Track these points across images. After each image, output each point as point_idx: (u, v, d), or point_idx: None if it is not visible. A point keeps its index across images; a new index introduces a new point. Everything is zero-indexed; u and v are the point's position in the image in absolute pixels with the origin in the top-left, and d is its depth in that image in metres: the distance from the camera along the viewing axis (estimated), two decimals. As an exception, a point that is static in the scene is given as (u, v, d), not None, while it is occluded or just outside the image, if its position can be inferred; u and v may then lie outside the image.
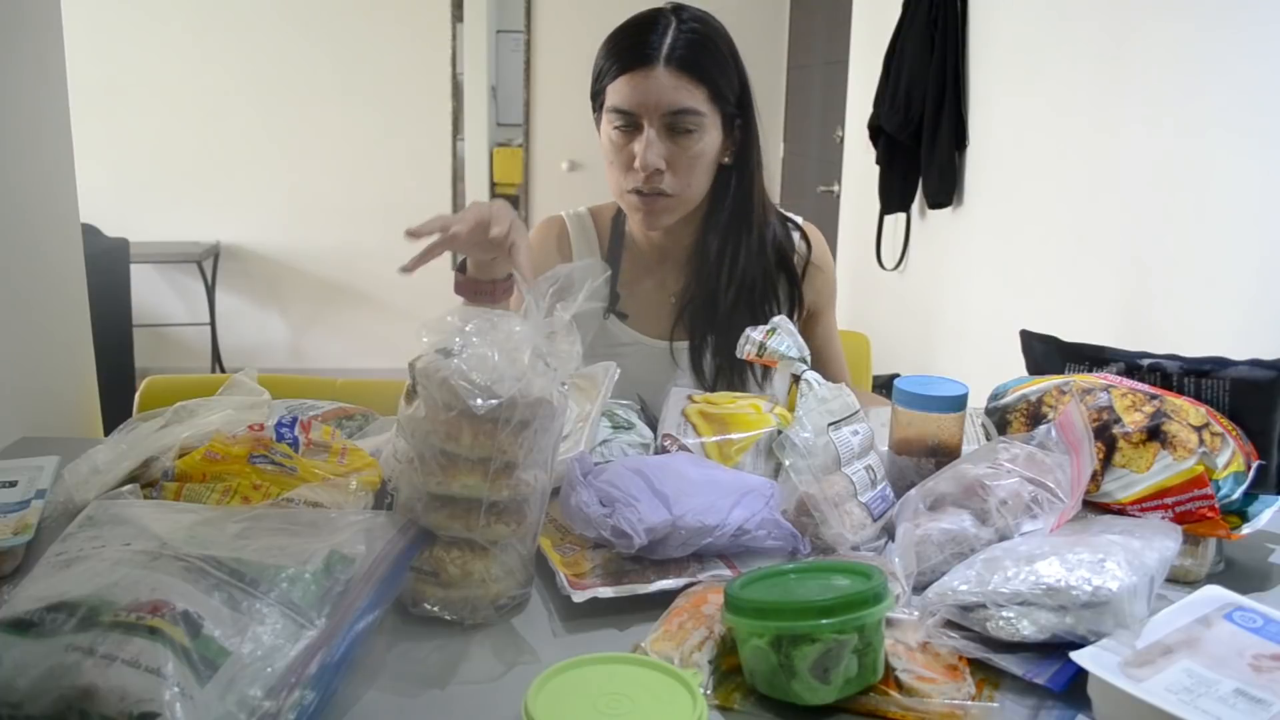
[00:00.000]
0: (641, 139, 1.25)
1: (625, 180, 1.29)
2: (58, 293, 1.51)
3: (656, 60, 1.24)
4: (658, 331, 1.41)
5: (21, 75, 1.41)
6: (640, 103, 1.24)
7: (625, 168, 1.29)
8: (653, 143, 1.25)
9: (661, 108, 1.24)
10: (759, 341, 1.08)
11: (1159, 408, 0.97)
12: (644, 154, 1.25)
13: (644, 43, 1.24)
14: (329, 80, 4.60)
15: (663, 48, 1.24)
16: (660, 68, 1.24)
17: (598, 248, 1.43)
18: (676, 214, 1.32)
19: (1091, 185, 2.01)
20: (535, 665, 0.79)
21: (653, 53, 1.24)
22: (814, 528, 0.96)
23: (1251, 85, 1.53)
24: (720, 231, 1.36)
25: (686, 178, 1.28)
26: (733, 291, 1.35)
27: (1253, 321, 1.51)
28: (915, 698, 0.73)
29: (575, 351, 0.85)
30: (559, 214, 1.46)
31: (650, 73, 1.24)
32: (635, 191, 1.29)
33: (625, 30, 1.28)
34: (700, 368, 1.39)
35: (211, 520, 0.79)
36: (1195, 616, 0.78)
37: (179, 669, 0.61)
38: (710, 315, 1.37)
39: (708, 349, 1.38)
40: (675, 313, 1.40)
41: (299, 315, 4.87)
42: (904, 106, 2.72)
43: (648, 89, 1.24)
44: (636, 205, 1.30)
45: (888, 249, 3.09)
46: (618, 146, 1.29)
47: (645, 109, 1.24)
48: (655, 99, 1.24)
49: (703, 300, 1.38)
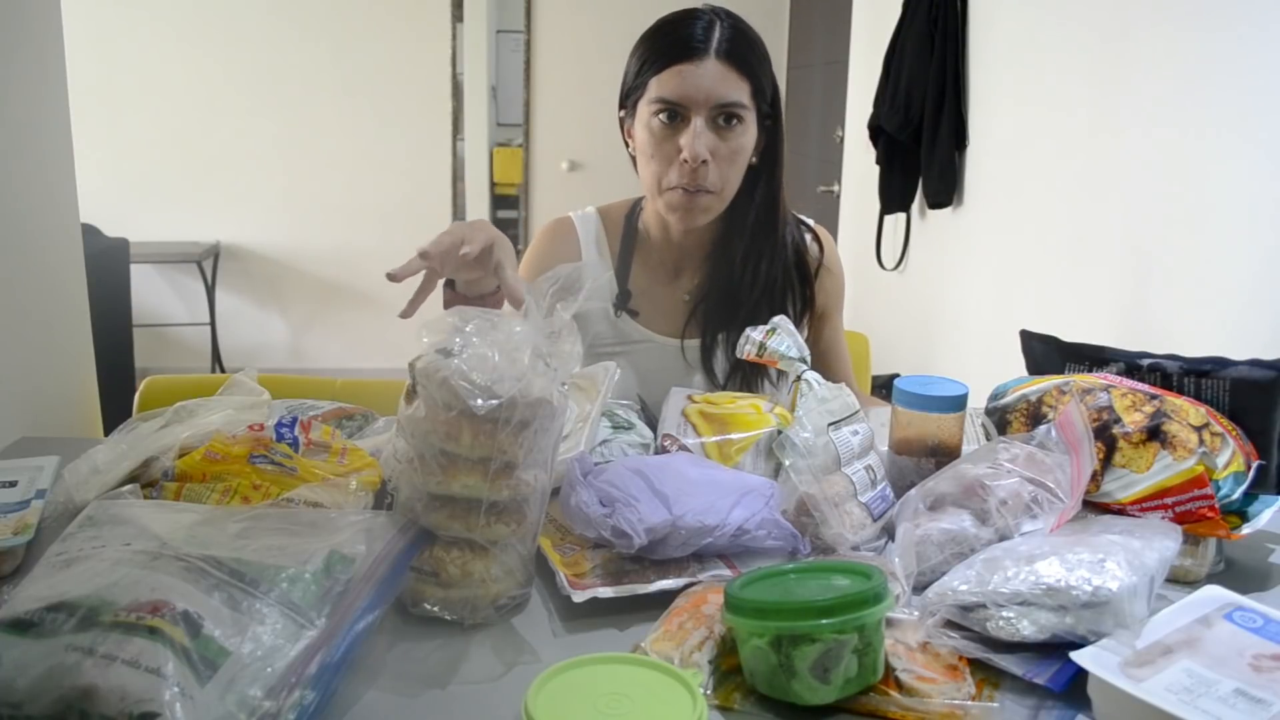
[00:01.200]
0: (689, 131, 1.25)
1: (667, 176, 1.29)
2: (58, 293, 1.51)
3: (707, 52, 1.25)
4: (669, 330, 1.42)
5: (21, 75, 1.41)
6: (689, 94, 1.25)
7: (668, 161, 1.28)
8: (701, 133, 1.25)
9: (712, 99, 1.25)
10: (759, 341, 1.08)
11: (1159, 408, 0.97)
12: (692, 144, 1.25)
13: (692, 35, 1.25)
14: (329, 80, 4.60)
15: (712, 41, 1.25)
16: (711, 60, 1.25)
17: (607, 248, 1.43)
18: (712, 213, 1.33)
19: (1091, 185, 2.01)
20: (535, 665, 0.79)
21: (703, 45, 1.25)
22: (814, 528, 0.96)
23: (1251, 85, 1.53)
24: (746, 232, 1.36)
25: (728, 172, 1.29)
26: (756, 293, 1.36)
27: (1253, 321, 1.51)
28: (915, 698, 0.73)
29: (575, 352, 0.85)
30: (567, 215, 1.46)
31: (701, 64, 1.24)
32: (678, 189, 1.28)
33: (670, 24, 1.29)
34: (711, 367, 1.39)
35: (211, 520, 0.79)
36: (1195, 616, 0.78)
37: (179, 669, 0.61)
38: (728, 315, 1.38)
39: (719, 348, 1.39)
40: (689, 311, 1.41)
41: (299, 315, 4.87)
42: (904, 106, 2.72)
43: (699, 80, 1.24)
44: (677, 203, 1.30)
45: (888, 249, 3.09)
46: (660, 140, 1.28)
47: (694, 100, 1.25)
48: (707, 90, 1.24)
49: (718, 299, 1.38)
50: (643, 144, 1.30)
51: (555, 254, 1.42)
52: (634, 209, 1.45)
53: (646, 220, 1.43)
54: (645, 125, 1.29)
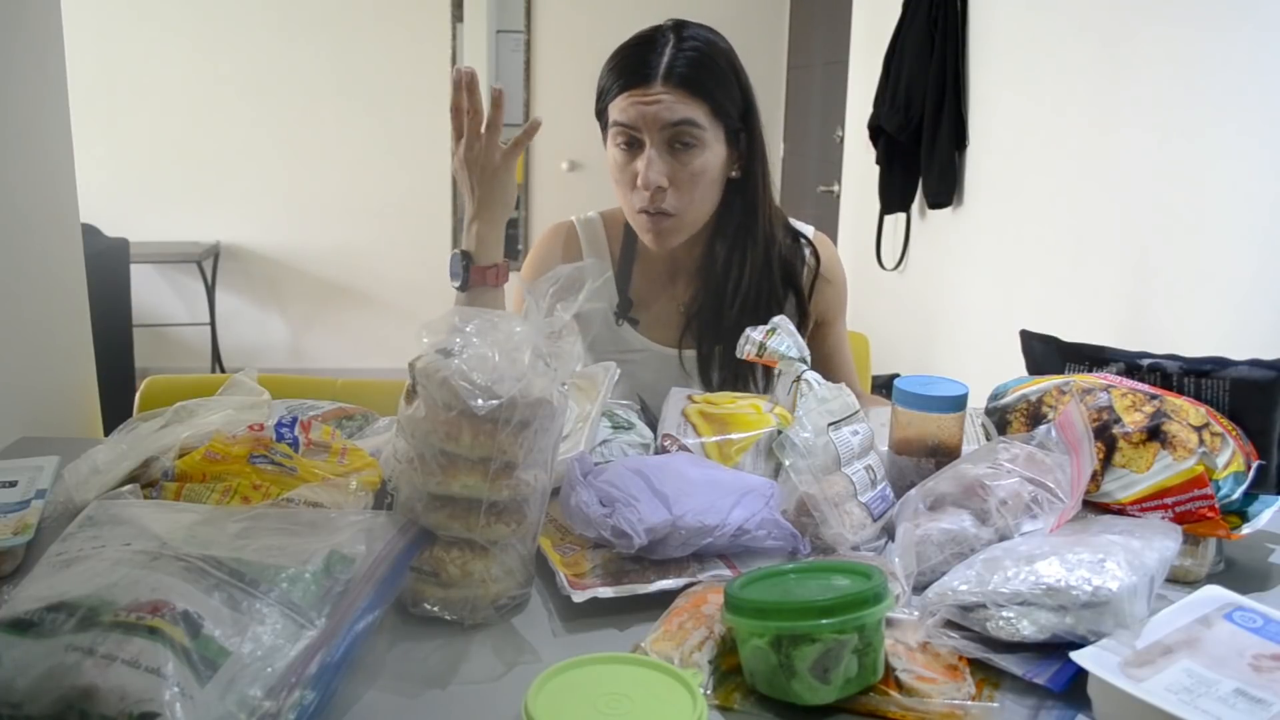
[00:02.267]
0: (643, 157, 1.26)
1: (632, 199, 1.31)
2: (58, 293, 1.51)
3: (655, 78, 1.25)
4: (668, 339, 1.42)
5: (21, 75, 1.41)
6: (640, 119, 1.26)
7: (630, 186, 1.30)
8: (654, 161, 1.26)
9: (660, 122, 1.25)
10: (759, 341, 1.08)
11: (1159, 408, 0.97)
12: (645, 172, 1.26)
13: (644, 61, 1.26)
14: (329, 80, 4.60)
15: (660, 65, 1.25)
16: (659, 85, 1.25)
17: (608, 253, 1.44)
18: (683, 233, 1.33)
19: (1091, 185, 2.01)
20: (535, 665, 0.79)
21: (651, 70, 1.25)
22: (814, 528, 0.96)
23: (1251, 85, 1.53)
24: (727, 243, 1.37)
25: (689, 194, 1.29)
26: (738, 303, 1.36)
27: (1253, 321, 1.51)
28: (915, 698, 0.73)
29: (576, 352, 0.85)
30: (568, 219, 1.46)
31: (649, 90, 1.25)
32: (644, 212, 1.30)
33: (626, 49, 1.30)
34: (708, 376, 1.39)
35: (211, 520, 0.79)
36: (1195, 616, 0.78)
37: (179, 669, 0.61)
38: (716, 326, 1.38)
39: (714, 359, 1.39)
40: (684, 322, 1.41)
41: (299, 315, 4.87)
42: (904, 106, 2.72)
43: (646, 105, 1.25)
44: (645, 226, 1.32)
45: (888, 249, 3.09)
46: (621, 165, 1.30)
47: (645, 125, 1.26)
48: (654, 115, 1.25)
49: (709, 311, 1.38)
50: (611, 168, 1.33)
51: (556, 258, 1.42)
52: None
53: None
54: (610, 150, 1.31)
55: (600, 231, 1.45)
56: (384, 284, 4.80)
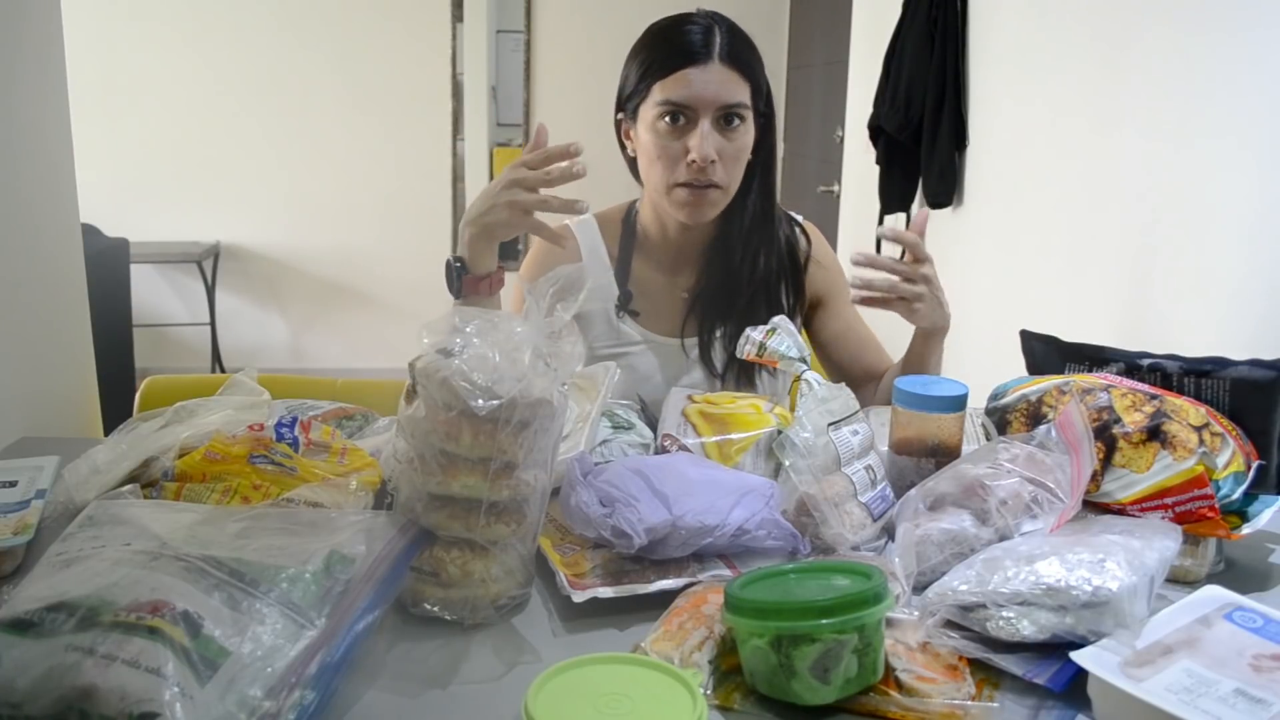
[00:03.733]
0: (695, 132, 1.28)
1: (673, 174, 1.31)
2: (58, 293, 1.51)
3: (711, 56, 1.28)
4: (668, 329, 1.43)
5: (21, 75, 1.41)
6: (696, 96, 1.27)
7: (675, 161, 1.30)
8: (708, 135, 1.28)
9: (718, 101, 1.28)
10: (759, 341, 1.08)
11: (1159, 408, 0.97)
12: (701, 146, 1.28)
13: (695, 40, 1.29)
14: (329, 80, 4.60)
15: (714, 45, 1.29)
16: (715, 63, 1.28)
17: (605, 252, 1.45)
18: (719, 207, 1.36)
19: (1091, 185, 2.00)
20: (535, 665, 0.79)
21: (706, 50, 1.28)
22: (814, 528, 0.96)
23: (1250, 87, 1.53)
24: (745, 227, 1.39)
25: (733, 170, 1.33)
26: (753, 285, 1.40)
27: (1252, 321, 1.51)
28: (915, 698, 0.73)
29: (576, 352, 0.85)
30: (564, 222, 1.47)
31: (706, 68, 1.28)
32: (685, 185, 1.31)
33: (672, 29, 1.31)
34: (710, 360, 1.41)
35: (211, 520, 0.79)
36: (1195, 616, 0.78)
37: (179, 669, 0.61)
38: (724, 308, 1.40)
39: (718, 342, 1.41)
40: (687, 308, 1.43)
41: (299, 315, 4.87)
42: (904, 106, 2.72)
43: (705, 83, 1.27)
44: (685, 199, 1.32)
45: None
46: (666, 142, 1.30)
47: (701, 102, 1.28)
48: (713, 93, 1.28)
49: (714, 294, 1.41)
50: (647, 145, 1.32)
51: (554, 260, 1.43)
52: (630, 211, 1.47)
53: (644, 221, 1.45)
54: (650, 128, 1.31)
55: (596, 231, 1.46)
56: (384, 284, 4.80)
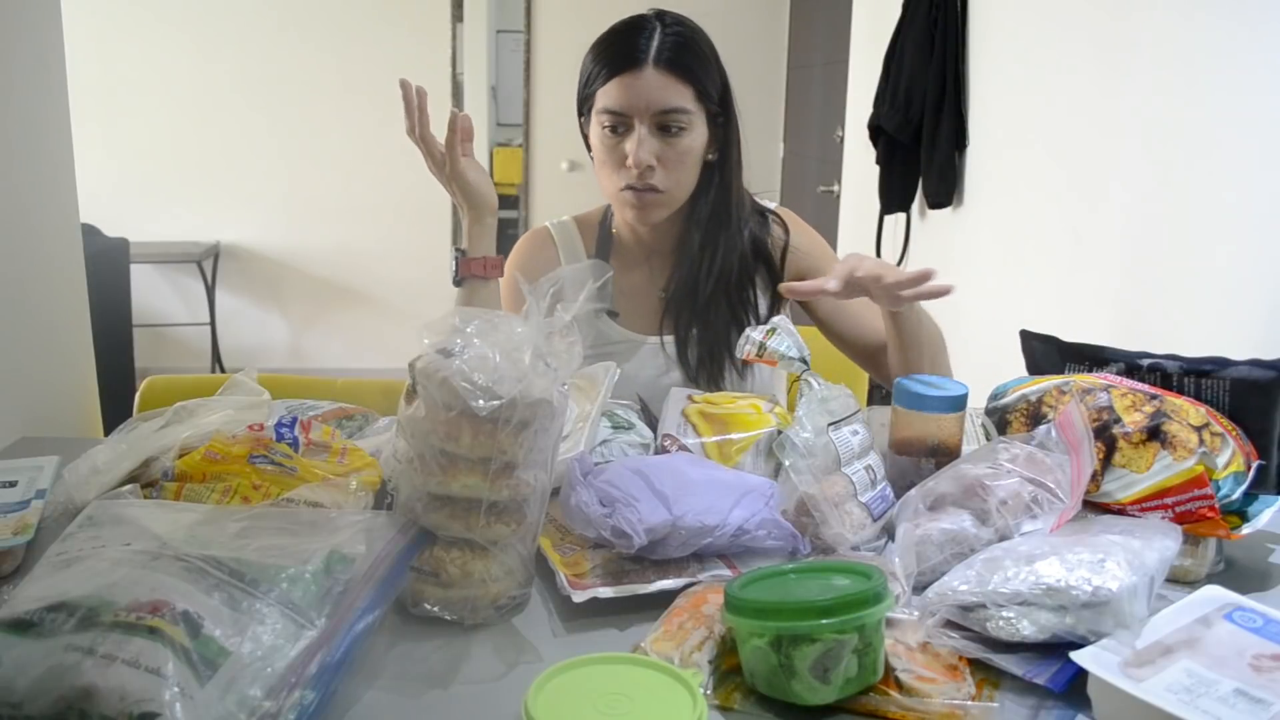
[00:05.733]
0: (633, 138, 1.29)
1: (617, 178, 1.33)
2: (58, 293, 1.51)
3: (645, 62, 1.28)
4: (647, 328, 1.44)
5: (21, 75, 1.41)
6: (631, 103, 1.28)
7: (617, 166, 1.32)
8: (644, 140, 1.29)
9: (652, 107, 1.28)
10: (759, 341, 1.08)
11: (1159, 408, 0.97)
12: (636, 152, 1.29)
13: (632, 46, 1.29)
14: (329, 80, 4.60)
15: (650, 50, 1.29)
16: (649, 69, 1.28)
17: (583, 253, 1.47)
18: (668, 209, 1.36)
19: (1091, 185, 2.00)
20: (535, 665, 0.79)
21: (641, 55, 1.28)
22: (814, 528, 0.96)
23: (1251, 86, 1.53)
24: (702, 226, 1.40)
25: (676, 174, 1.33)
26: (711, 283, 1.40)
27: (1252, 321, 1.51)
28: (915, 698, 0.73)
29: (576, 352, 0.85)
30: (544, 225, 1.51)
31: (640, 74, 1.28)
32: (629, 188, 1.32)
33: (612, 36, 1.33)
34: (686, 359, 1.42)
35: (211, 520, 0.79)
36: (1195, 616, 0.78)
37: (179, 669, 0.61)
38: (691, 306, 1.41)
39: (690, 340, 1.42)
40: (662, 307, 1.44)
41: (299, 315, 4.87)
42: (904, 106, 2.72)
43: (638, 90, 1.28)
44: (630, 201, 1.34)
45: (888, 249, 3.09)
46: (609, 147, 1.32)
47: (636, 109, 1.28)
48: (646, 99, 1.28)
49: (684, 293, 1.41)
50: (596, 151, 1.36)
51: (534, 262, 1.45)
52: (607, 214, 1.49)
53: (619, 222, 1.46)
54: (596, 134, 1.34)
55: (574, 233, 1.48)
56: (384, 284, 4.80)
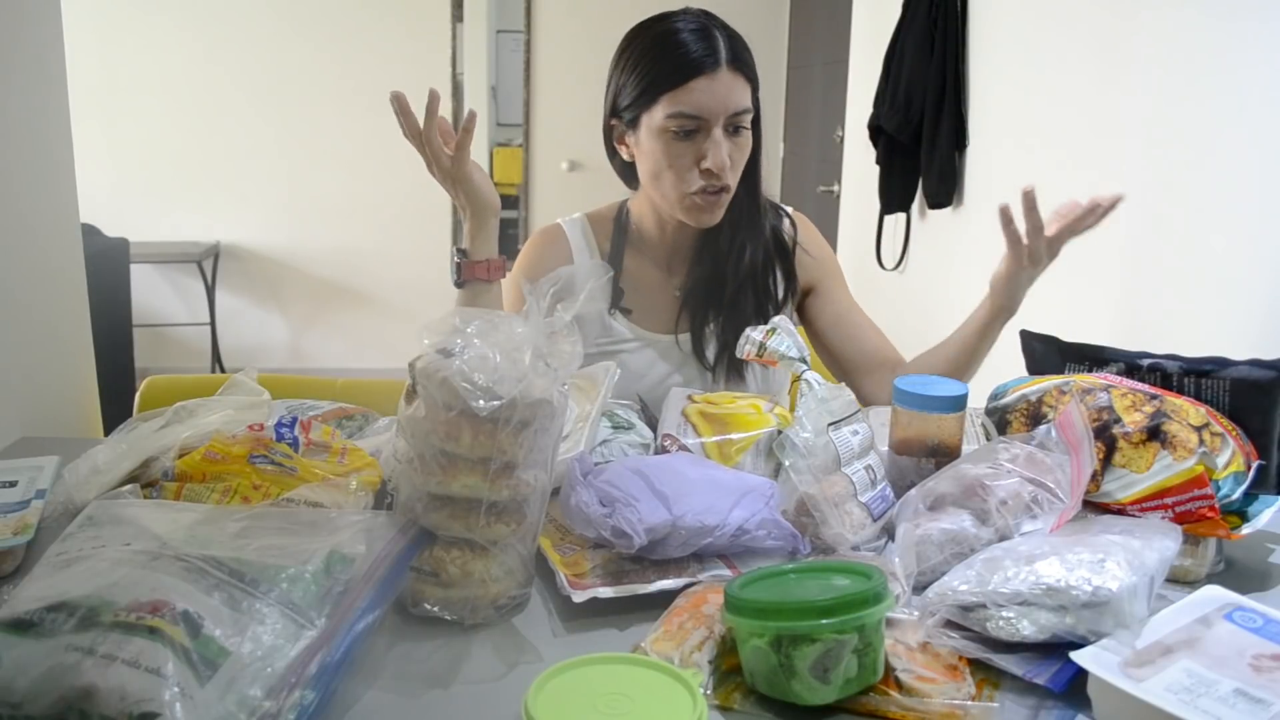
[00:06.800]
0: (710, 140, 1.28)
1: (685, 183, 1.31)
2: (58, 293, 1.51)
3: (720, 64, 1.27)
4: (661, 326, 1.44)
5: (21, 75, 1.41)
6: (710, 106, 1.27)
7: (687, 170, 1.30)
8: (720, 142, 1.28)
9: (729, 109, 1.28)
10: (759, 341, 1.08)
11: (1159, 408, 0.97)
12: (717, 155, 1.28)
13: (709, 48, 1.28)
14: (329, 80, 4.60)
15: (722, 51, 1.28)
16: (724, 70, 1.27)
17: (597, 250, 1.46)
18: (725, 207, 1.37)
19: (1091, 185, 2.00)
20: (535, 665, 0.79)
21: (713, 58, 1.27)
22: (814, 528, 0.96)
23: (1251, 86, 1.53)
24: (733, 223, 1.40)
25: (739, 172, 1.34)
26: (740, 277, 1.40)
27: (1252, 321, 1.51)
28: (915, 698, 0.73)
29: (576, 352, 0.85)
30: (556, 222, 1.49)
31: (717, 76, 1.27)
32: (700, 192, 1.31)
33: (670, 36, 1.30)
34: (703, 355, 1.42)
35: (211, 520, 0.79)
36: (1195, 616, 0.78)
37: (179, 669, 0.61)
38: (715, 302, 1.41)
39: (711, 336, 1.42)
40: (679, 304, 1.43)
41: (299, 315, 4.87)
42: (904, 106, 2.72)
43: (715, 92, 1.27)
44: (699, 205, 1.33)
45: (888, 249, 3.09)
46: (677, 152, 1.30)
47: (714, 112, 1.27)
48: (724, 101, 1.27)
49: (704, 289, 1.42)
50: (654, 154, 1.31)
51: (546, 259, 1.44)
52: (621, 211, 1.47)
53: (638, 221, 1.45)
54: (657, 137, 1.30)
55: (588, 230, 1.47)
56: (384, 284, 4.80)
